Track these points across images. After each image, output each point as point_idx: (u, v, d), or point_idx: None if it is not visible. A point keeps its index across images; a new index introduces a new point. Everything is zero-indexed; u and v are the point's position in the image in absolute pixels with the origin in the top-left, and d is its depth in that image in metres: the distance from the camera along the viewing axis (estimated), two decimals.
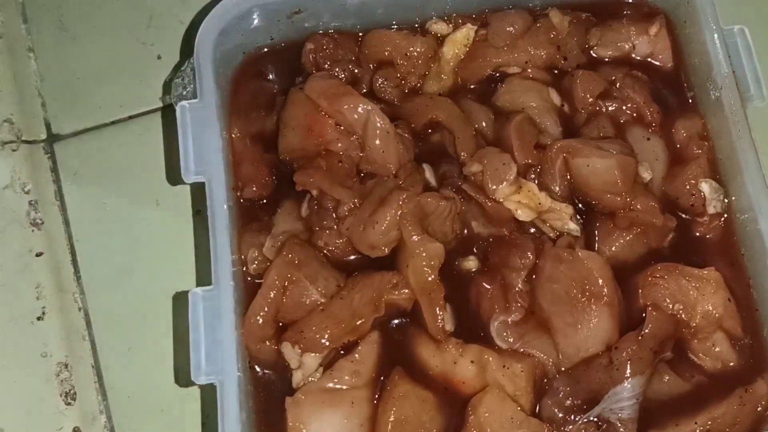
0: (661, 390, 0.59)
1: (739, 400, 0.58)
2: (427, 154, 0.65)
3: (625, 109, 0.67)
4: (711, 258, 0.63)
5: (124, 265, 0.70)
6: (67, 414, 0.66)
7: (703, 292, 0.60)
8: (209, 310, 0.58)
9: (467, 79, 0.68)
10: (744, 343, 0.61)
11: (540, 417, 0.58)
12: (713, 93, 0.65)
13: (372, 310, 0.59)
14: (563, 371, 0.59)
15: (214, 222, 0.59)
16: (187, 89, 0.64)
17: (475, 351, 0.59)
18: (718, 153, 0.65)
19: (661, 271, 0.61)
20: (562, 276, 0.59)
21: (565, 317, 0.59)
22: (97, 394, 0.67)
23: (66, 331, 0.68)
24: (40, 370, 0.67)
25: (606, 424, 0.57)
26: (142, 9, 0.77)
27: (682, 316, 0.60)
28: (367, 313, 0.59)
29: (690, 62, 0.68)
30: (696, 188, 0.64)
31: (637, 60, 0.69)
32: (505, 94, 0.67)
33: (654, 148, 0.66)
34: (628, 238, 0.63)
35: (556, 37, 0.68)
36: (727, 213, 0.64)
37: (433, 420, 0.58)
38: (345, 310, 0.59)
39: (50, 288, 0.69)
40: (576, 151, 0.62)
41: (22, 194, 0.71)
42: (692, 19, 0.66)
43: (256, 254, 0.61)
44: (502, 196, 0.61)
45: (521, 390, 0.58)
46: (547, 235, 0.62)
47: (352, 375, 0.58)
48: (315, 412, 0.57)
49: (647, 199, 0.62)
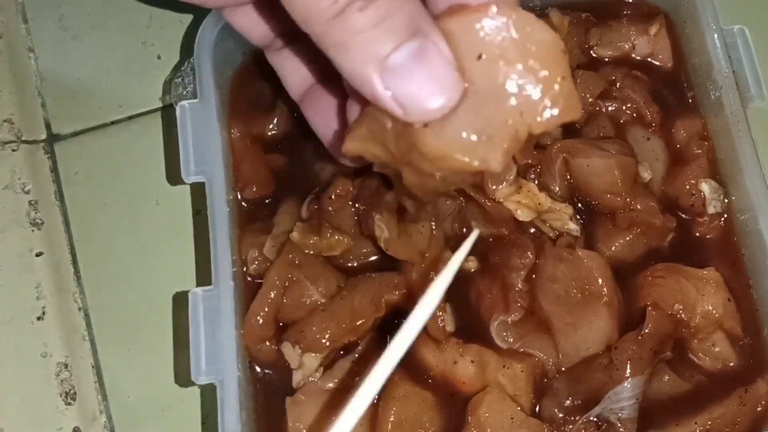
0: (661, 390, 0.59)
1: (739, 400, 0.58)
2: None
3: (624, 109, 0.67)
4: (711, 258, 0.63)
5: (124, 265, 0.70)
6: (67, 414, 0.66)
7: (703, 292, 0.60)
8: (209, 310, 0.58)
9: None
10: (744, 343, 0.61)
11: (540, 417, 0.58)
12: (713, 93, 0.65)
13: (372, 310, 0.59)
14: (563, 371, 0.59)
15: (214, 222, 0.59)
16: (187, 89, 0.64)
17: (475, 351, 0.59)
18: (718, 153, 0.65)
19: (661, 271, 0.61)
20: (562, 276, 0.59)
21: (565, 317, 0.59)
22: (97, 394, 0.67)
23: (66, 331, 0.68)
24: (40, 370, 0.67)
25: (606, 424, 0.57)
26: (142, 9, 0.77)
27: (682, 316, 0.60)
28: (368, 313, 0.59)
29: (690, 62, 0.68)
30: (696, 188, 0.64)
31: (637, 60, 0.69)
32: None
33: (654, 148, 0.66)
34: (628, 238, 0.63)
35: None
36: (727, 213, 0.64)
37: (433, 420, 0.58)
38: (345, 310, 0.59)
39: (50, 288, 0.69)
40: (576, 151, 0.62)
41: (22, 194, 0.71)
42: (692, 18, 0.66)
43: (256, 254, 0.61)
44: (502, 196, 0.61)
45: (521, 390, 0.58)
46: (547, 235, 0.62)
47: (353, 375, 0.58)
48: (315, 412, 0.57)
49: (647, 199, 0.62)
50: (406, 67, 0.37)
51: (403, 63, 0.37)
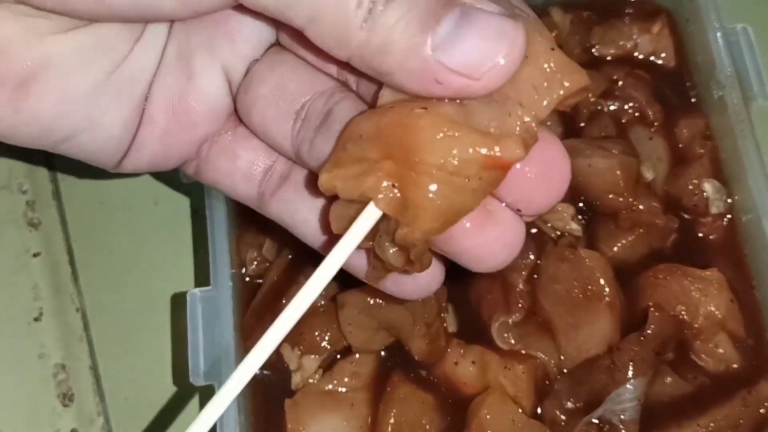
0: (663, 391, 0.59)
1: (742, 401, 0.58)
2: None
3: (626, 109, 0.66)
4: (714, 259, 0.63)
5: (122, 265, 0.70)
6: (65, 415, 0.65)
7: (706, 293, 0.60)
8: (208, 311, 0.57)
9: None
10: (747, 345, 0.60)
11: (542, 419, 0.58)
12: (716, 92, 0.64)
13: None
14: (565, 373, 0.59)
15: (212, 222, 0.59)
16: None
17: (476, 352, 0.58)
18: (721, 152, 0.65)
19: (664, 272, 0.60)
20: (564, 276, 0.59)
21: (567, 318, 0.59)
22: (94, 395, 0.66)
23: (63, 332, 0.67)
24: (37, 372, 0.66)
25: (608, 425, 0.57)
26: None
27: (685, 317, 0.60)
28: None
29: (693, 61, 0.67)
30: (699, 188, 0.64)
31: (640, 59, 0.69)
32: None
33: (656, 147, 0.65)
34: (630, 238, 0.62)
35: (557, 36, 0.68)
36: (730, 213, 0.63)
37: (433, 422, 0.58)
38: None
39: (47, 289, 0.68)
40: (577, 150, 0.62)
41: (19, 194, 0.71)
42: (695, 17, 0.66)
43: (255, 255, 0.61)
44: None
45: (523, 391, 0.58)
46: (549, 235, 0.62)
47: (352, 377, 0.58)
48: (314, 414, 0.57)
49: (649, 200, 0.62)
50: (458, 36, 0.35)
51: (453, 32, 0.35)
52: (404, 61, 0.35)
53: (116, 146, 0.45)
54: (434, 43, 0.35)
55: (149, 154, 0.47)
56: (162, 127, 0.46)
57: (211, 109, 0.46)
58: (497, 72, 0.35)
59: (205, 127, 0.47)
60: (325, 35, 0.37)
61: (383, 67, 0.36)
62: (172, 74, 0.45)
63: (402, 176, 0.37)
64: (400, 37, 0.35)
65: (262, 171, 0.47)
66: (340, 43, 0.36)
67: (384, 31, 0.35)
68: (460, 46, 0.35)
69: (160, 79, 0.45)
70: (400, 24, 0.35)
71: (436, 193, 0.36)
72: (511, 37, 0.35)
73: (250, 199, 0.49)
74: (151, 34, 0.44)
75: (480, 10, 0.35)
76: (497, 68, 0.35)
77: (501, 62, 0.35)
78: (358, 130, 0.38)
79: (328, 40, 0.37)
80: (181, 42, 0.45)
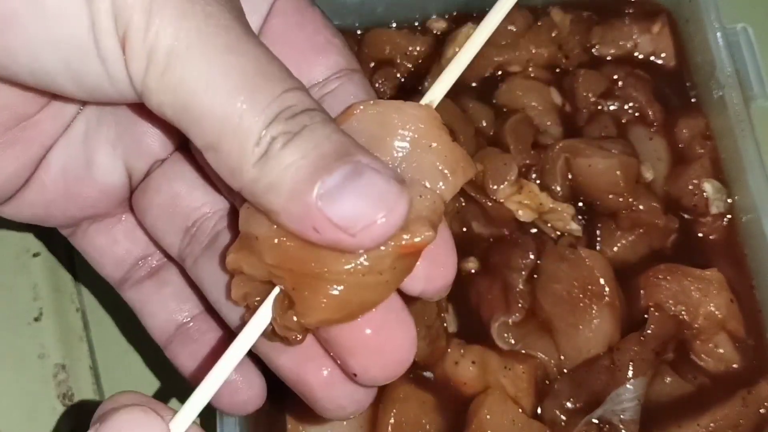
0: (663, 391, 0.59)
1: (742, 401, 0.58)
2: None
3: (627, 109, 0.66)
4: (714, 259, 0.63)
5: None
6: (65, 416, 0.65)
7: (706, 293, 0.60)
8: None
9: (468, 78, 0.68)
10: (747, 345, 0.60)
11: (542, 419, 0.58)
12: (716, 92, 0.64)
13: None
14: (565, 372, 0.59)
15: None
16: None
17: (476, 352, 0.58)
18: (721, 152, 0.65)
19: (664, 272, 0.60)
20: (564, 276, 0.59)
21: (567, 318, 0.59)
22: (95, 395, 0.66)
23: (63, 332, 0.67)
24: (38, 372, 0.66)
25: (608, 425, 0.57)
26: None
27: (685, 317, 0.60)
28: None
29: (693, 61, 0.67)
30: (699, 188, 0.64)
31: (640, 59, 0.69)
32: (505, 93, 0.67)
33: (656, 147, 0.65)
34: (630, 238, 0.62)
35: (557, 36, 0.68)
36: (730, 213, 0.63)
37: (433, 422, 0.58)
38: None
39: (47, 289, 0.68)
40: (577, 151, 0.62)
41: None
42: (695, 17, 0.66)
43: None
44: (502, 197, 0.61)
45: (523, 391, 0.58)
46: (549, 235, 0.62)
47: None
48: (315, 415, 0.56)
49: (649, 200, 0.62)
50: (343, 189, 0.35)
51: (340, 184, 0.35)
52: (288, 203, 0.36)
53: (0, 192, 0.45)
54: (320, 192, 0.35)
55: (30, 212, 0.47)
56: (49, 196, 0.46)
57: (103, 197, 0.47)
58: (372, 232, 0.35)
59: (93, 211, 0.48)
60: (220, 163, 0.37)
61: (270, 205, 0.36)
62: (73, 156, 0.46)
63: (301, 282, 0.37)
64: (290, 180, 0.35)
65: (133, 260, 0.49)
66: (233, 174, 0.36)
67: (276, 172, 0.35)
68: (341, 200, 0.35)
69: (61, 152, 0.45)
70: (292, 167, 0.35)
71: (341, 292, 0.37)
72: (391, 202, 0.35)
73: (110, 278, 0.50)
74: (59, 104, 0.44)
75: (372, 170, 0.35)
76: (373, 228, 0.35)
77: (378, 223, 0.35)
78: (254, 232, 0.38)
79: (223, 169, 0.37)
80: (89, 126, 0.45)
